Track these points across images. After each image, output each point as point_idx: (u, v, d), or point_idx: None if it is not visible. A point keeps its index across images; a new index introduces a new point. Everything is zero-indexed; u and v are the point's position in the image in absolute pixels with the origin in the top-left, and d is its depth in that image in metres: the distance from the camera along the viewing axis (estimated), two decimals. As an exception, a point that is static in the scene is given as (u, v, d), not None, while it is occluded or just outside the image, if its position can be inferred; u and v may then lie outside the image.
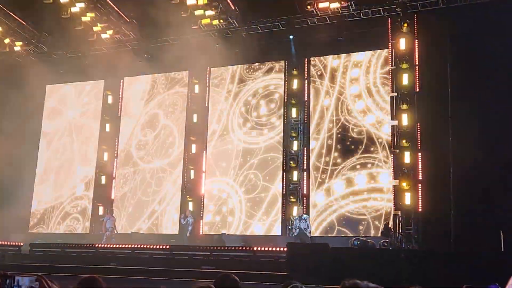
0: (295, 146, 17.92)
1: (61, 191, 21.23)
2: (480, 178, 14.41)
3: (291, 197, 17.46)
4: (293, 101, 18.19)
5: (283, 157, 18.17)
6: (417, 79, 16.36)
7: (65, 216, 20.80)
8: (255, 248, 14.29)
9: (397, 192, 15.91)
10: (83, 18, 18.12)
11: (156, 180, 19.90)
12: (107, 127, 20.93)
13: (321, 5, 16.78)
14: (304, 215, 15.62)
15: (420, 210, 15.44)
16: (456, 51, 15.34)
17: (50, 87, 22.53)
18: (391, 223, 15.93)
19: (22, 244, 16.83)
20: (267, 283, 11.01)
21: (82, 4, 17.69)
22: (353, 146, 17.46)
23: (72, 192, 21.06)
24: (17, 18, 19.59)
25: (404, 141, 15.90)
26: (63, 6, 17.57)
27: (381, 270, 10.13)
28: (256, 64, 19.42)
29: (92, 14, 18.22)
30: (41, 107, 22.32)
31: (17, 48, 20.21)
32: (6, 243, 16.74)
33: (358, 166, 17.20)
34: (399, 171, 15.95)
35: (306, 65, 18.62)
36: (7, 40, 19.80)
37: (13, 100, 20.19)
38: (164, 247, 15.27)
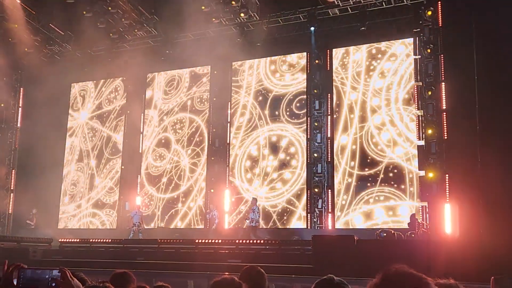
0: (318, 138, 17.81)
1: (88, 187, 21.56)
2: (509, 166, 14.08)
3: (316, 189, 17.41)
4: (315, 92, 18.09)
5: (306, 149, 18.09)
6: (443, 68, 16.06)
7: (93, 212, 21.13)
8: (280, 241, 14.28)
9: (423, 183, 15.69)
10: (105, 16, 18.32)
11: (181, 174, 20.03)
12: (132, 123, 21.15)
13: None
14: (254, 206, 16.38)
15: (447, 200, 15.19)
16: (482, 38, 14.96)
17: (75, 85, 22.87)
18: (417, 215, 15.72)
19: (52, 239, 17.18)
20: (293, 276, 11.00)
21: (104, 2, 17.87)
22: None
23: (98, 188, 21.37)
24: (42, 18, 19.89)
25: (430, 131, 15.66)
26: (86, 4, 17.79)
27: (409, 262, 10.00)
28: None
29: (114, 12, 18.38)
30: (66, 105, 22.67)
31: (42, 48, 20.54)
32: (36, 239, 17.11)
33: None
34: (425, 161, 15.73)
35: (328, 57, 18.46)
36: (32, 40, 20.13)
37: (39, 99, 20.54)
38: (190, 241, 15.39)
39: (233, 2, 17.44)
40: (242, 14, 17.84)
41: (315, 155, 17.66)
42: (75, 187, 21.80)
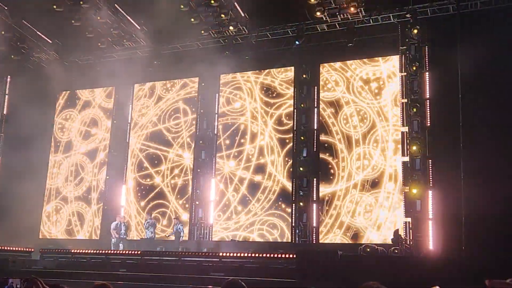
0: (304, 152, 17.85)
1: (72, 196, 21.32)
2: (492, 182, 14.24)
3: (301, 203, 17.44)
4: (302, 106, 18.20)
5: (292, 166, 18.09)
6: (428, 85, 16.30)
7: (76, 222, 20.86)
8: (264, 255, 14.24)
9: (407, 199, 15.80)
10: (95, 26, 18.28)
11: (165, 186, 19.93)
12: (117, 132, 21.02)
13: (331, 11, 16.79)
14: (152, 220, 17.99)
15: (430, 216, 15.32)
16: (467, 56, 15.23)
17: (62, 94, 22.69)
18: (401, 231, 15.79)
19: (32, 249, 16.91)
20: (276, 290, 10.97)
21: (93, 12, 17.85)
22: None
23: (82, 197, 21.13)
24: (29, 26, 19.79)
25: (414, 147, 15.81)
26: (75, 13, 17.76)
27: (392, 277, 10.03)
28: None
29: (104, 21, 18.34)
30: (52, 114, 22.45)
31: (29, 56, 20.39)
32: (16, 248, 16.82)
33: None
34: (409, 177, 15.86)
35: (316, 72, 18.58)
36: (19, 48, 19.99)
37: (25, 107, 20.33)
38: (173, 253, 15.26)
39: (223, 15, 17.55)
40: (231, 27, 17.96)
41: (301, 169, 17.70)
42: (57, 197, 21.50)
